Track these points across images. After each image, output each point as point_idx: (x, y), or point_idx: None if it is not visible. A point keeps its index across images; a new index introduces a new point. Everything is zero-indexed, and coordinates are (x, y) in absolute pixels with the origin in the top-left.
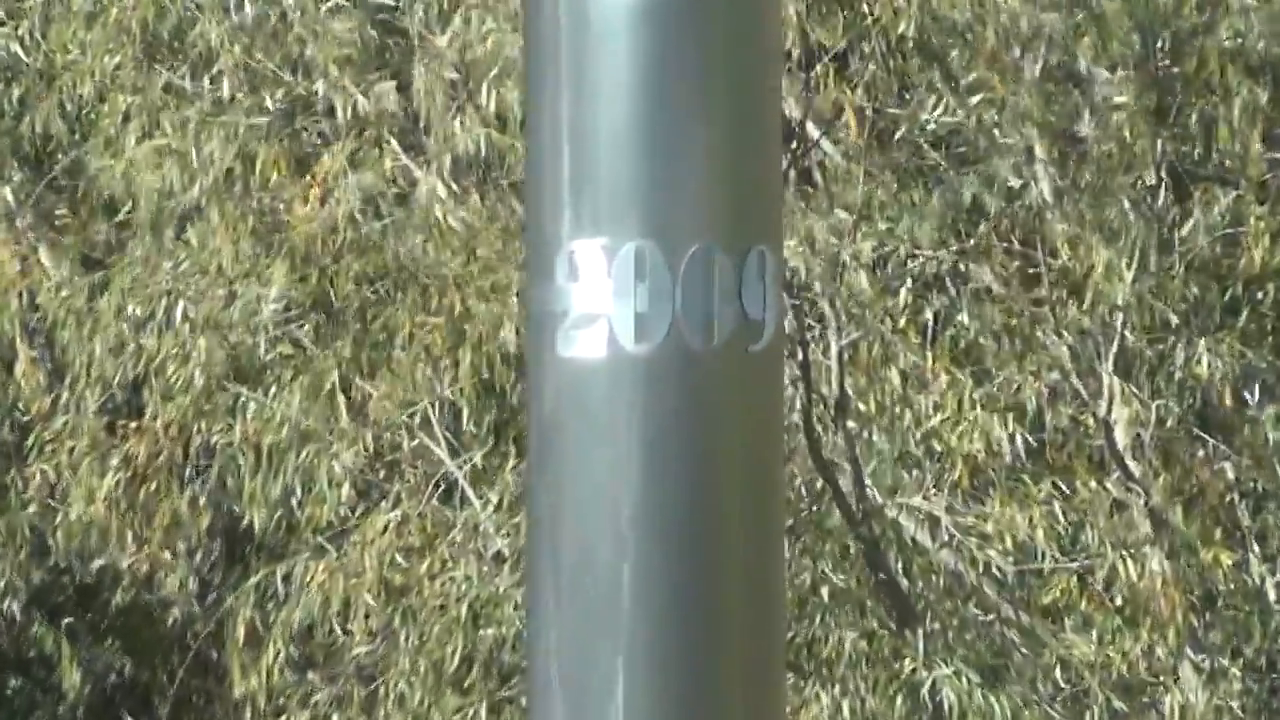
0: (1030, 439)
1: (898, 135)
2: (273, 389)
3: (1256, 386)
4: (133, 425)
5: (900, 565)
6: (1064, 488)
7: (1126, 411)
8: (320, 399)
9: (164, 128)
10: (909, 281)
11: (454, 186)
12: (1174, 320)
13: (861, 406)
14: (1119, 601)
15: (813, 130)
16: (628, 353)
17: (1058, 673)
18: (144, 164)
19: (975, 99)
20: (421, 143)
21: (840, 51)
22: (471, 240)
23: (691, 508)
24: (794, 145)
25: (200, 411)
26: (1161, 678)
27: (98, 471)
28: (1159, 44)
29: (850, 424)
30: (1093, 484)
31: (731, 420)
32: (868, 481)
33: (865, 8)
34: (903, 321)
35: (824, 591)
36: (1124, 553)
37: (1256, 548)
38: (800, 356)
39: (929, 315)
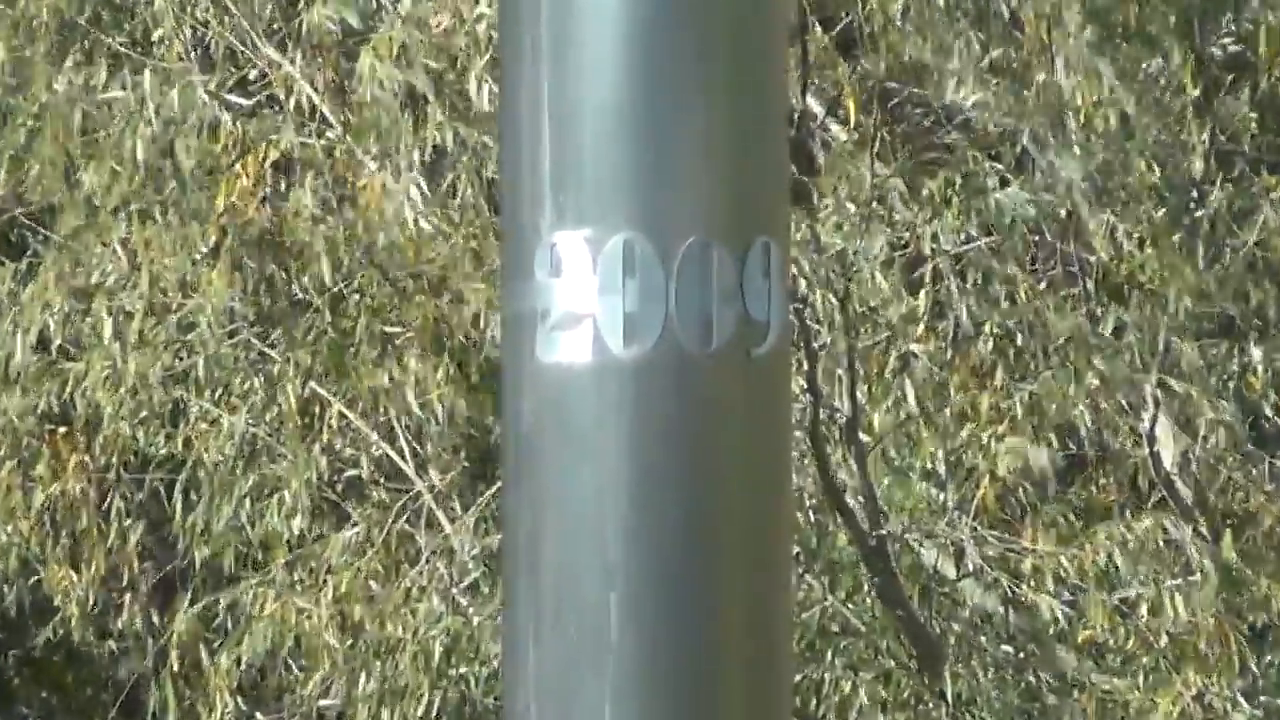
0: (1066, 457)
1: (902, 127)
2: (219, 395)
3: None
4: (61, 432)
5: (927, 600)
6: (1104, 513)
7: (1173, 426)
8: (275, 412)
9: (91, 120)
10: (928, 281)
11: (423, 184)
12: (1228, 323)
13: (876, 421)
14: (1164, 640)
15: (815, 107)
16: (615, 357)
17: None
18: (61, 159)
19: (995, 82)
20: (394, 133)
21: (842, 29)
22: (443, 240)
23: (686, 531)
24: (796, 128)
25: (137, 425)
26: None
27: (20, 487)
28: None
29: (864, 439)
30: (1137, 509)
31: (732, 432)
32: (882, 505)
33: None
34: (921, 327)
35: (835, 627)
36: (1171, 584)
37: None
38: (806, 365)
39: (950, 319)
